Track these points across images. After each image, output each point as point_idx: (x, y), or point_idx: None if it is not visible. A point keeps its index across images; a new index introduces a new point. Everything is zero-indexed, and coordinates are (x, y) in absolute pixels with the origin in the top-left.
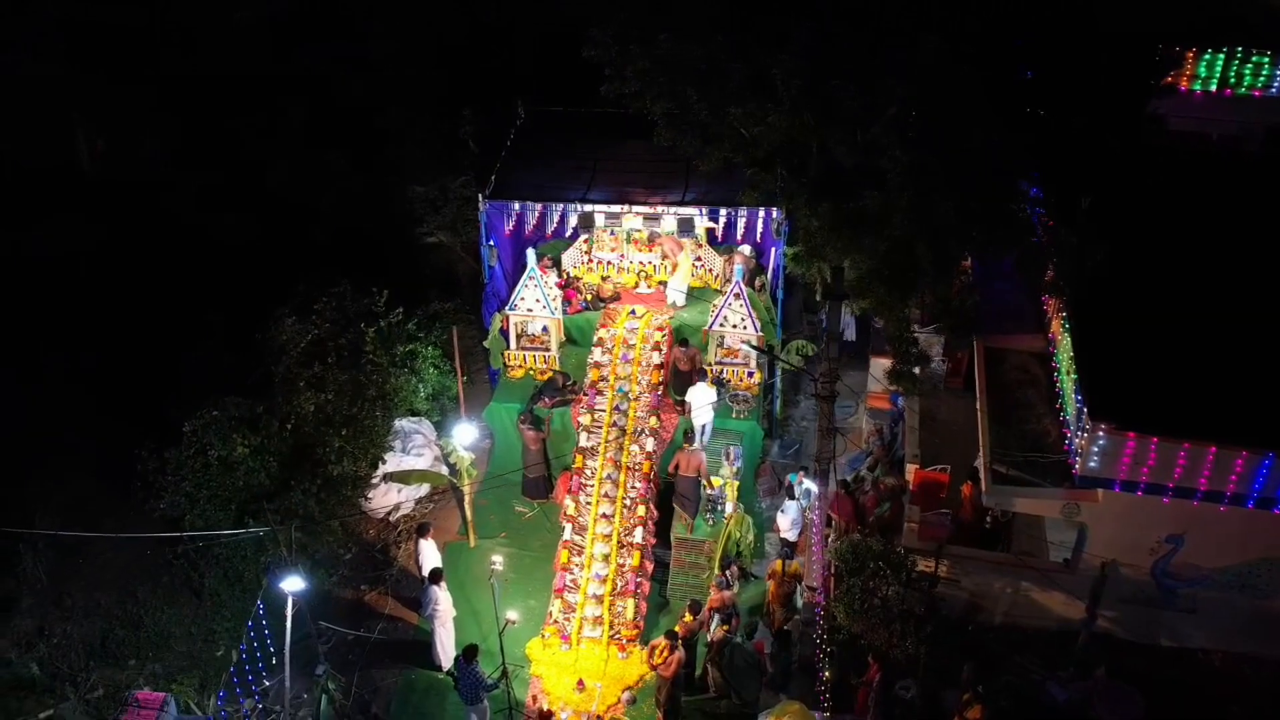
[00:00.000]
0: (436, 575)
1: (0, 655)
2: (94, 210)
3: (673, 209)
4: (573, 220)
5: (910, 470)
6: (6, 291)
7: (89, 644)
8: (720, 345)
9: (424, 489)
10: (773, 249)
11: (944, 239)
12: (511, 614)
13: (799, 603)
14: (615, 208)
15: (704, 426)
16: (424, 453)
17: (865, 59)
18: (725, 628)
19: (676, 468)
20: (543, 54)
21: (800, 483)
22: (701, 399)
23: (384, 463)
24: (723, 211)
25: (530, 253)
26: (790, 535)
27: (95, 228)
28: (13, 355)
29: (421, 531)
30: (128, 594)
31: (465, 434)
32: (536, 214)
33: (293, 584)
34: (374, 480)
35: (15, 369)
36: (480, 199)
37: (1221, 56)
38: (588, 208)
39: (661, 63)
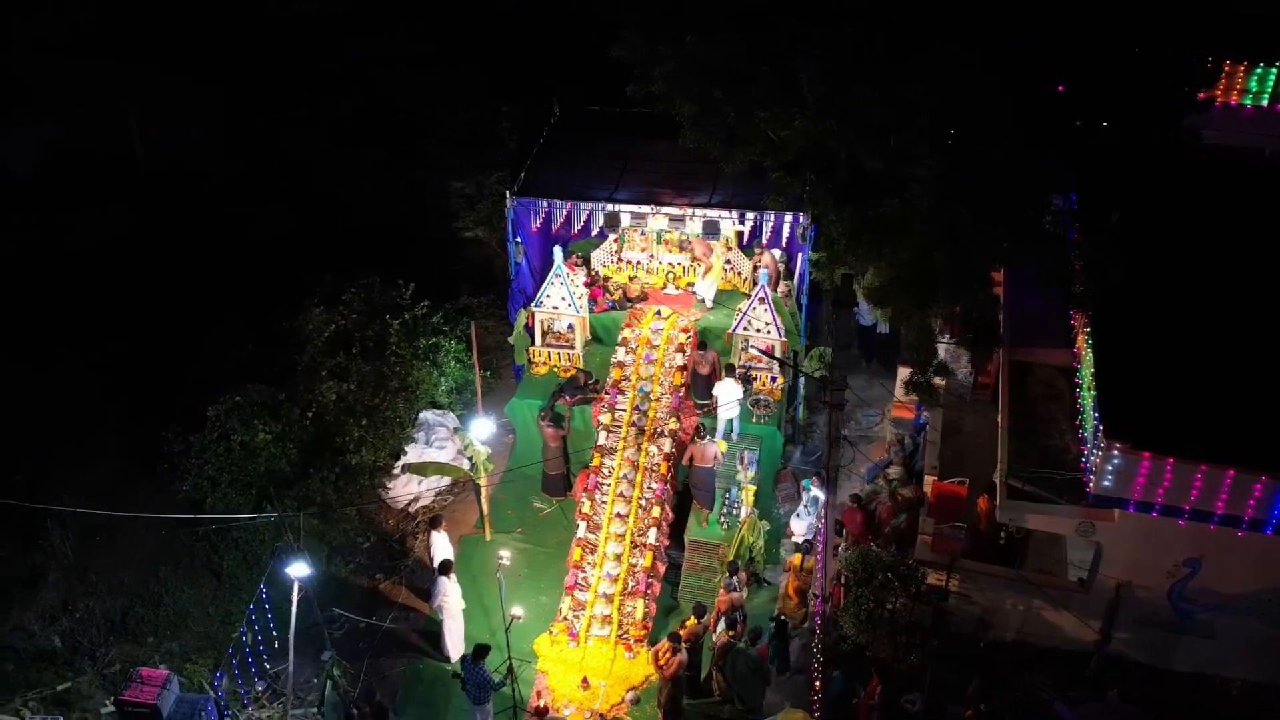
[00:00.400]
0: (446, 567)
1: (24, 627)
2: (138, 198)
3: (699, 211)
4: (599, 219)
5: (929, 482)
6: (43, 278)
7: (110, 620)
8: (744, 349)
9: (444, 481)
10: (799, 254)
11: (964, 247)
12: (516, 609)
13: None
14: (642, 208)
15: (730, 422)
16: (446, 445)
17: (888, 65)
18: (730, 632)
19: (691, 459)
20: (582, 52)
21: (810, 489)
22: (728, 395)
23: (405, 454)
24: (749, 215)
25: (557, 250)
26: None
27: (136, 215)
28: (44, 341)
29: (434, 523)
30: (150, 573)
31: (482, 428)
32: (564, 212)
33: (298, 569)
34: (394, 471)
35: (47, 354)
36: (508, 196)
37: (1275, 70)
38: (613, 207)
39: (687, 64)
